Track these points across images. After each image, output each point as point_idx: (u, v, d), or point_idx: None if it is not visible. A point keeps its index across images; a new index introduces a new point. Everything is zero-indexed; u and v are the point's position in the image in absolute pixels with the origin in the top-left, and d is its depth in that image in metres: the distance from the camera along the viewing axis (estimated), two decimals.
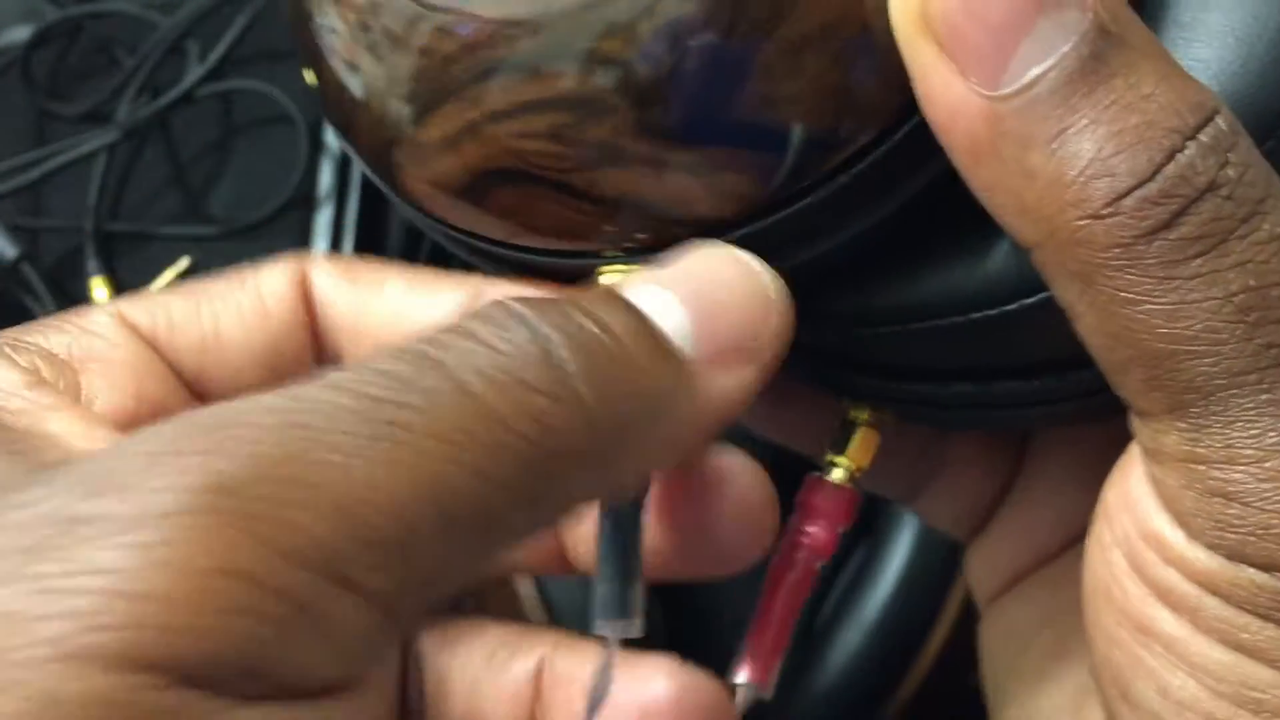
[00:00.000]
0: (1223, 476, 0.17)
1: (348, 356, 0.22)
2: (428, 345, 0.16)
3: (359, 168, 0.50)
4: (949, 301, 0.20)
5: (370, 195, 0.50)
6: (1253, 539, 0.17)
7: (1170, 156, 0.16)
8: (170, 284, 0.49)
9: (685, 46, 0.17)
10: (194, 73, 0.49)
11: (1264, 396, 0.16)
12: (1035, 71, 0.16)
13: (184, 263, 0.50)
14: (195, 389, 0.21)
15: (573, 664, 0.22)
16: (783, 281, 0.19)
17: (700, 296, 0.18)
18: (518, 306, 0.16)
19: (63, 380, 0.19)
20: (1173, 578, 0.18)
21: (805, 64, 0.18)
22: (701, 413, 0.18)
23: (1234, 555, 0.17)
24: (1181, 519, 0.18)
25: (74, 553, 0.14)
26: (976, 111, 0.16)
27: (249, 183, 0.51)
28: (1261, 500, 0.17)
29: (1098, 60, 0.16)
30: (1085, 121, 0.16)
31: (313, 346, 0.22)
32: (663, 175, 0.18)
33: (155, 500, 0.14)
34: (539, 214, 0.20)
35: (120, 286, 0.50)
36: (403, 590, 0.15)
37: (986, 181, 0.17)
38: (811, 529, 0.23)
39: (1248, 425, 0.16)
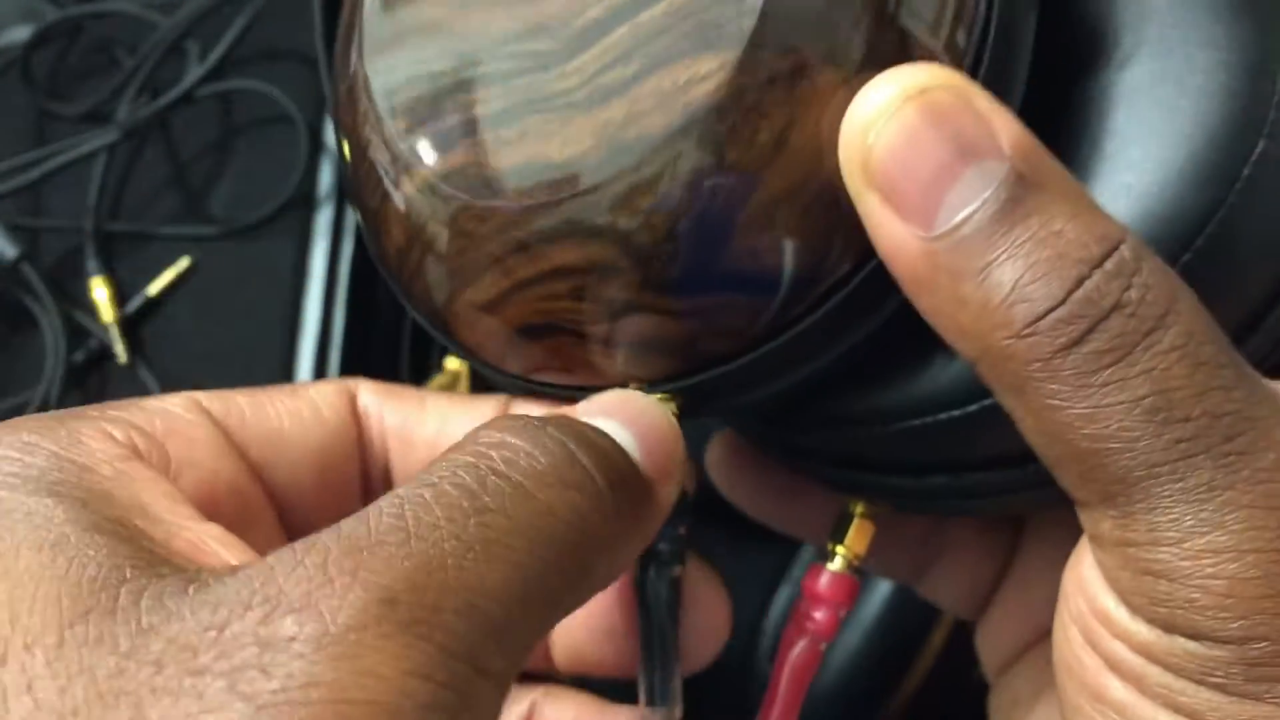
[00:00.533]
0: (1150, 557, 0.19)
1: (396, 464, 0.26)
2: (478, 458, 0.19)
3: None
4: (918, 405, 0.23)
5: None
6: (1180, 612, 0.19)
7: (1079, 283, 0.18)
8: (170, 284, 0.49)
9: (676, 215, 0.20)
10: (194, 73, 0.49)
11: (1178, 485, 0.18)
12: (961, 215, 0.19)
13: (184, 263, 0.50)
14: (260, 478, 0.23)
15: (559, 710, 0.25)
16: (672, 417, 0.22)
17: (637, 423, 0.21)
18: (534, 419, 0.20)
19: (155, 453, 0.21)
20: (1120, 650, 0.20)
21: (779, 219, 0.20)
22: (654, 518, 0.21)
23: (1168, 627, 0.19)
24: (1122, 596, 0.20)
25: (284, 669, 0.16)
26: (915, 250, 0.19)
27: (249, 183, 0.51)
28: (1184, 577, 0.18)
29: (1015, 203, 0.18)
30: (1006, 256, 0.18)
31: (360, 454, 0.25)
32: (669, 321, 0.21)
33: (339, 617, 0.16)
34: (570, 359, 0.23)
35: (120, 286, 0.50)
36: (509, 669, 0.18)
37: (928, 307, 0.20)
38: (816, 614, 0.26)
39: (1167, 511, 0.18)
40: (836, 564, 0.26)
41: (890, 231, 0.19)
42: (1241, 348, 0.20)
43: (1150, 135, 0.21)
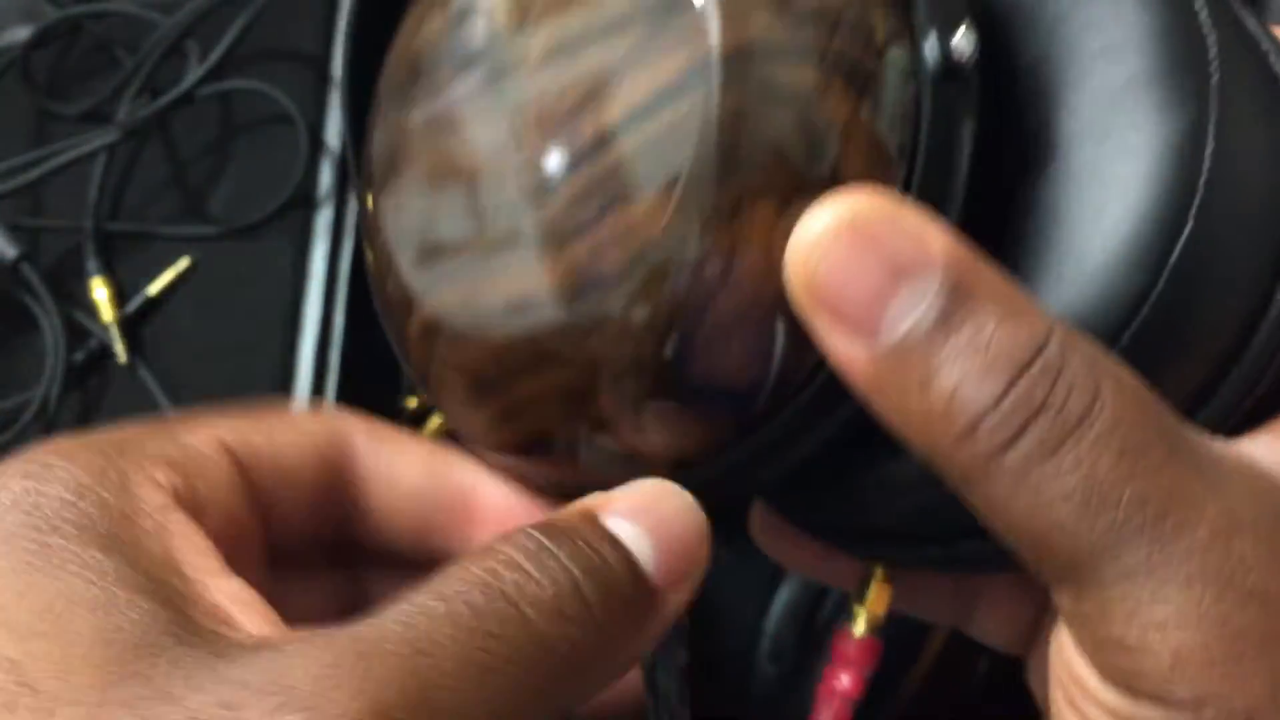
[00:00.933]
0: (1105, 630, 0.20)
1: (378, 506, 0.27)
2: (492, 577, 0.20)
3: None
4: (898, 487, 0.24)
5: None
6: (1136, 678, 0.20)
7: (1009, 387, 0.20)
8: (170, 284, 0.49)
9: (639, 340, 0.22)
10: (194, 73, 0.49)
11: (1118, 566, 0.20)
12: (901, 331, 0.20)
13: (184, 263, 0.50)
14: (262, 512, 0.25)
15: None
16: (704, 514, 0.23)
17: (659, 530, 0.22)
18: (547, 542, 0.21)
19: (187, 496, 0.23)
20: (1094, 713, 0.21)
21: (735, 336, 0.22)
22: (658, 627, 0.22)
23: (1130, 693, 0.20)
24: (1091, 663, 0.21)
25: None
26: (863, 362, 0.21)
27: (249, 182, 0.51)
28: (1136, 649, 0.20)
29: (947, 315, 0.20)
30: (943, 366, 0.20)
31: (348, 489, 0.26)
32: (649, 432, 0.23)
33: None
34: (564, 465, 0.25)
35: (120, 286, 0.50)
36: None
37: (880, 411, 0.21)
38: (842, 675, 0.28)
39: (1112, 588, 0.20)
40: (859, 627, 0.28)
41: (838, 347, 0.21)
42: (1198, 414, 0.22)
43: (1085, 223, 0.22)
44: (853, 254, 0.20)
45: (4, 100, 0.54)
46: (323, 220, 0.50)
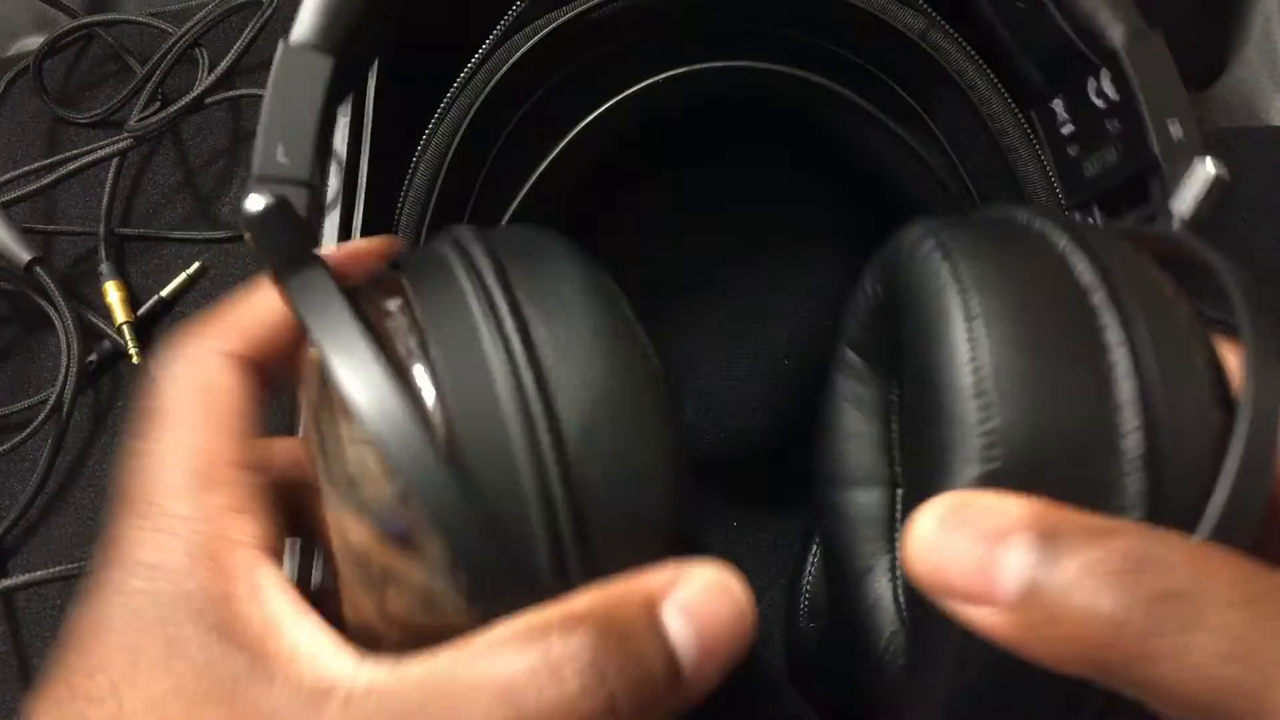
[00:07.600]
0: None
1: None
2: (531, 676, 0.21)
3: (364, 173, 0.51)
4: None
5: (376, 200, 0.51)
6: None
7: (1133, 592, 0.22)
8: (182, 286, 0.50)
9: None
10: (203, 80, 0.50)
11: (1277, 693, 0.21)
12: (1015, 587, 0.22)
13: (195, 265, 0.51)
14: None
15: None
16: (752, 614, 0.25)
17: (707, 632, 0.23)
18: (601, 654, 0.22)
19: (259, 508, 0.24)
20: None
21: None
22: (683, 707, 0.23)
23: None
24: None
25: None
26: (998, 622, 0.23)
27: None
28: None
29: (1048, 558, 0.22)
30: (1063, 598, 0.22)
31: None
32: None
33: None
34: None
35: (132, 289, 0.51)
36: None
37: (1031, 654, 0.23)
38: None
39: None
40: None
41: (975, 618, 0.23)
42: None
43: None
44: (953, 541, 0.23)
45: (18, 108, 0.55)
46: (330, 224, 0.50)
